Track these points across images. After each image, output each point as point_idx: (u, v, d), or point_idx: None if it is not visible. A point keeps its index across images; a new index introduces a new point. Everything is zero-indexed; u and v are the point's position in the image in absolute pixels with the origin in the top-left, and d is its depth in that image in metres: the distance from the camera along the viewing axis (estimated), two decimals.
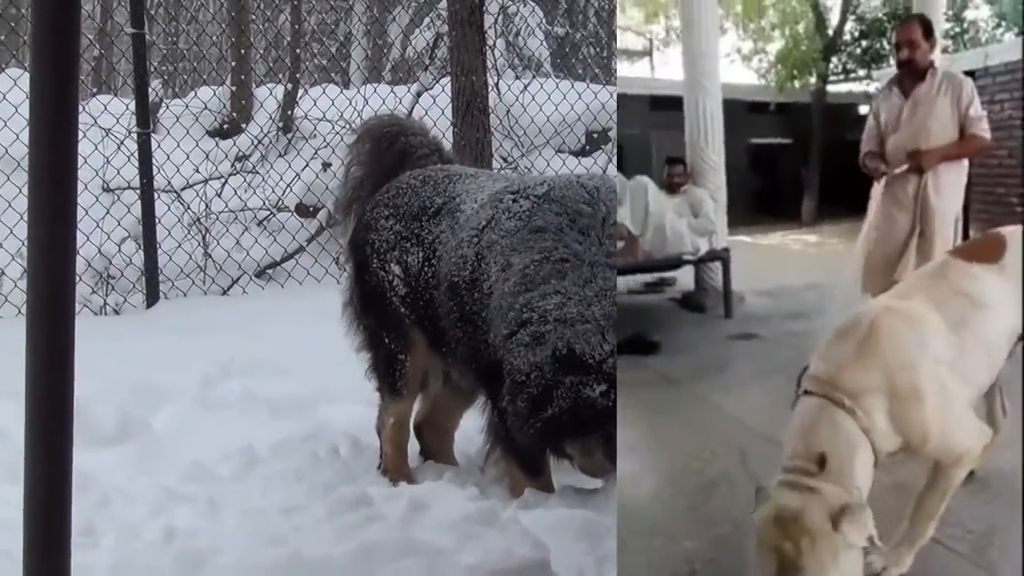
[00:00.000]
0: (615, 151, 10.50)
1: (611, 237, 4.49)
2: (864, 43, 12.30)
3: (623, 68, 15.10)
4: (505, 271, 4.50)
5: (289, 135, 10.57)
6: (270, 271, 9.47)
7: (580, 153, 11.12)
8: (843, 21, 12.41)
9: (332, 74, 12.59)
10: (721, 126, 8.53)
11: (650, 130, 12.36)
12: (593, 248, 4.43)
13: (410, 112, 10.09)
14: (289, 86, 10.90)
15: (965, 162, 5.75)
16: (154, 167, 8.74)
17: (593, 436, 4.26)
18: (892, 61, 5.76)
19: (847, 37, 12.63)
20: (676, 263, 8.03)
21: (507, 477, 4.73)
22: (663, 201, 7.97)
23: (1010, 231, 3.69)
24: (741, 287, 6.55)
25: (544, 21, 13.22)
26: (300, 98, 10.83)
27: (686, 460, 4.67)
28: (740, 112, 11.48)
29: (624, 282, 8.56)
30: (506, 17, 12.52)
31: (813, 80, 11.76)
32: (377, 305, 5.11)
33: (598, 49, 14.18)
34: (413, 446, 5.32)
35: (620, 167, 9.54)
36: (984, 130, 5.62)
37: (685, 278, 8.57)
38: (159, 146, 9.22)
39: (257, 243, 9.45)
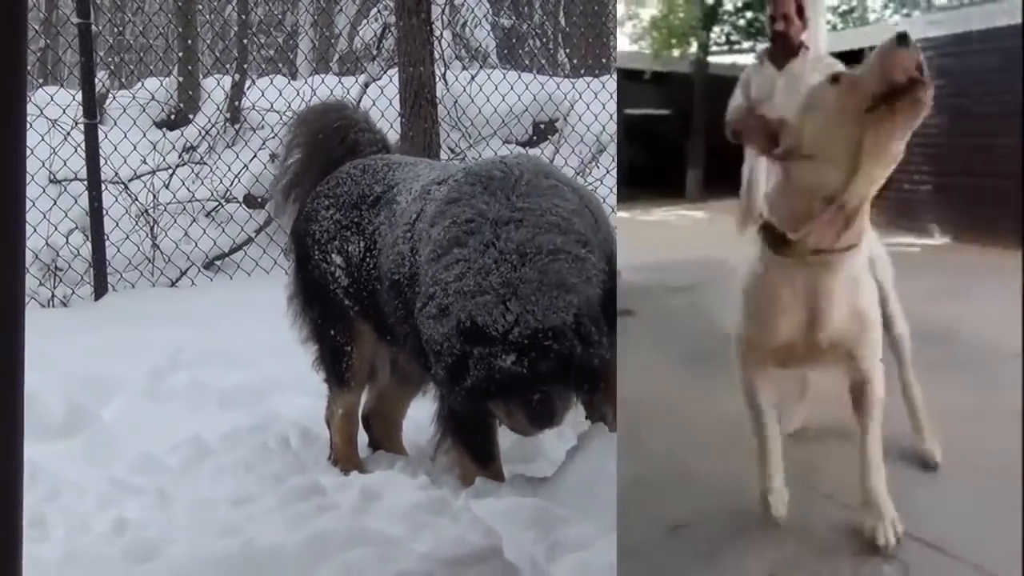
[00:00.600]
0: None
1: (523, 196, 4.40)
2: (748, 15, 12.29)
3: None
4: (425, 246, 4.47)
5: (237, 126, 10.53)
6: (219, 262, 9.45)
7: (527, 143, 11.15)
8: None
9: (280, 65, 12.55)
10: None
11: None
12: (497, 205, 4.36)
13: (358, 103, 10.07)
14: (236, 77, 10.86)
15: None
16: (101, 158, 8.70)
17: (513, 400, 4.24)
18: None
19: (729, 7, 12.57)
20: None
21: (457, 466, 4.72)
22: None
23: None
24: (620, 263, 6.55)
25: (491, 12, 13.24)
26: (248, 89, 10.80)
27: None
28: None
29: None
30: (453, 8, 12.55)
31: (694, 50, 11.69)
32: (320, 297, 5.10)
33: (544, 40, 14.21)
34: (363, 436, 5.34)
35: None
36: None
37: None
38: (106, 137, 9.17)
39: (205, 234, 9.43)
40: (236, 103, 10.64)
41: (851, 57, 9.38)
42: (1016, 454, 3.54)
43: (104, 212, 8.63)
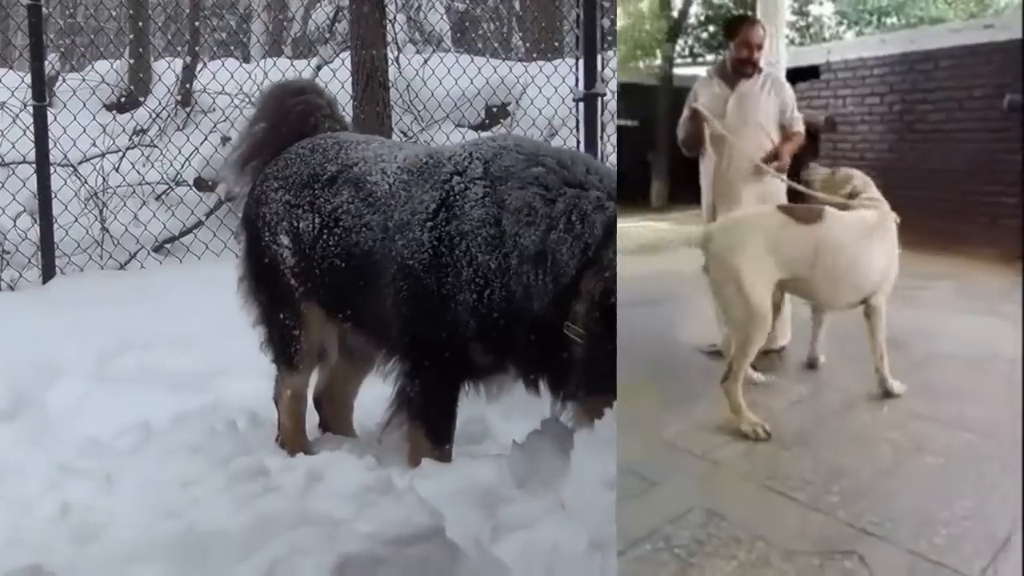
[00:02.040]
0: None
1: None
2: (711, 28, 12.37)
3: None
4: (519, 253, 4.42)
5: (188, 109, 10.48)
6: (168, 245, 9.41)
7: (479, 127, 11.15)
8: (688, 3, 12.41)
9: (232, 48, 12.46)
10: None
11: None
12: (588, 177, 4.48)
13: None
14: (188, 59, 10.81)
15: None
16: (50, 141, 8.61)
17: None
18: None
19: (693, 20, 12.65)
20: None
21: (409, 442, 4.74)
22: None
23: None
24: None
25: None
26: (199, 72, 10.75)
27: None
28: None
29: None
30: None
31: (659, 62, 11.74)
32: (270, 280, 5.09)
33: (498, 24, 14.20)
34: (312, 418, 5.34)
35: None
36: (802, 126, 5.79)
37: None
38: (55, 119, 9.08)
39: (155, 217, 9.38)
40: (187, 86, 10.58)
41: (808, 72, 9.52)
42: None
43: (53, 195, 8.54)
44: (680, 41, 13.25)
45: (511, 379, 4.74)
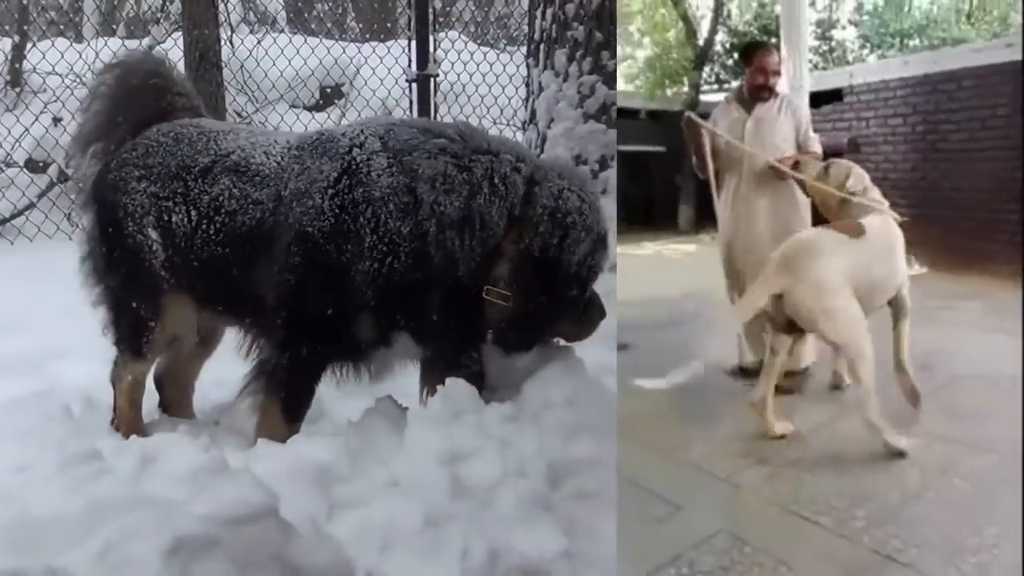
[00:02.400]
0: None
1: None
2: (735, 55, 12.47)
3: None
4: (439, 219, 4.45)
5: (17, 89, 10.23)
6: None
7: (314, 108, 11.12)
8: (713, 31, 12.51)
9: (62, 27, 12.17)
10: None
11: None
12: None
13: None
14: (16, 39, 10.55)
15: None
16: None
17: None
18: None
19: (718, 48, 12.75)
20: None
21: (260, 415, 4.71)
22: None
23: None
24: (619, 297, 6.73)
25: None
26: (28, 51, 10.50)
27: None
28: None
29: None
30: None
31: (685, 89, 11.79)
32: (128, 268, 4.98)
33: (332, 5, 14.12)
34: (150, 399, 5.32)
35: None
36: (818, 146, 5.97)
37: None
38: None
39: None
40: (16, 65, 10.35)
41: (832, 95, 9.69)
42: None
43: None
44: (706, 69, 13.29)
45: (396, 356, 4.74)
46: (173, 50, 9.51)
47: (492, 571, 3.69)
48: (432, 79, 9.57)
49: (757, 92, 5.99)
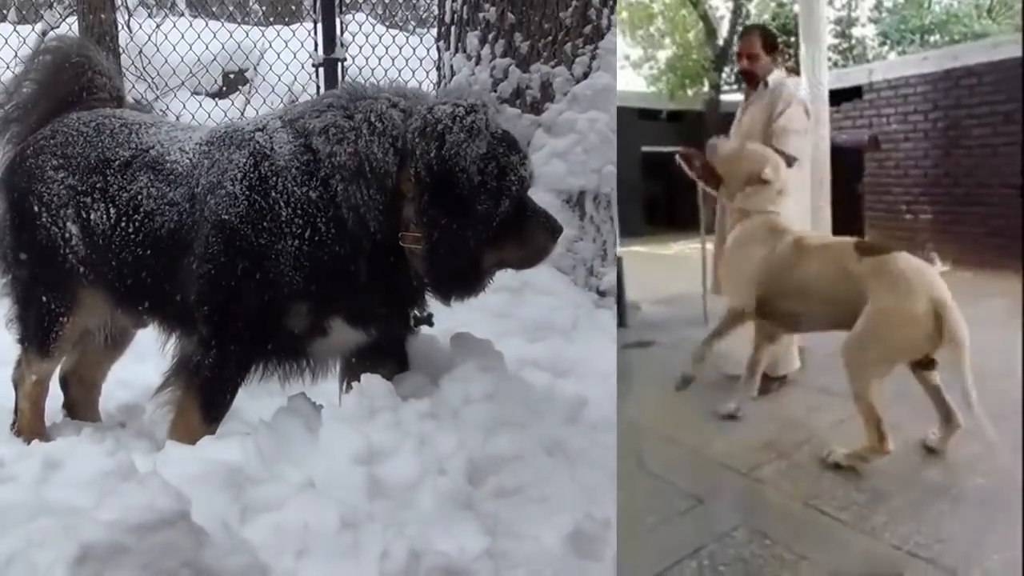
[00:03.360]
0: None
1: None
2: None
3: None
4: (344, 172, 4.35)
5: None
6: None
7: (217, 95, 10.96)
8: (733, 32, 12.57)
9: None
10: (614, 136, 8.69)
11: None
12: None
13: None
14: None
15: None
16: None
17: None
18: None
19: (736, 49, 12.80)
20: None
21: (177, 413, 4.57)
22: None
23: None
24: (638, 297, 6.77)
25: None
26: None
27: None
28: (631, 119, 11.49)
29: None
30: None
31: (706, 89, 11.84)
32: (40, 259, 4.82)
33: None
34: (54, 402, 5.18)
35: None
36: (785, 144, 5.68)
37: None
38: None
39: None
40: None
41: (851, 93, 9.60)
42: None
43: None
44: (726, 69, 13.31)
45: (334, 347, 4.62)
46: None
47: (413, 572, 3.62)
48: (339, 63, 9.48)
49: (745, 79, 5.98)
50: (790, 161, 5.67)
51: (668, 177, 6.18)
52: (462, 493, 3.91)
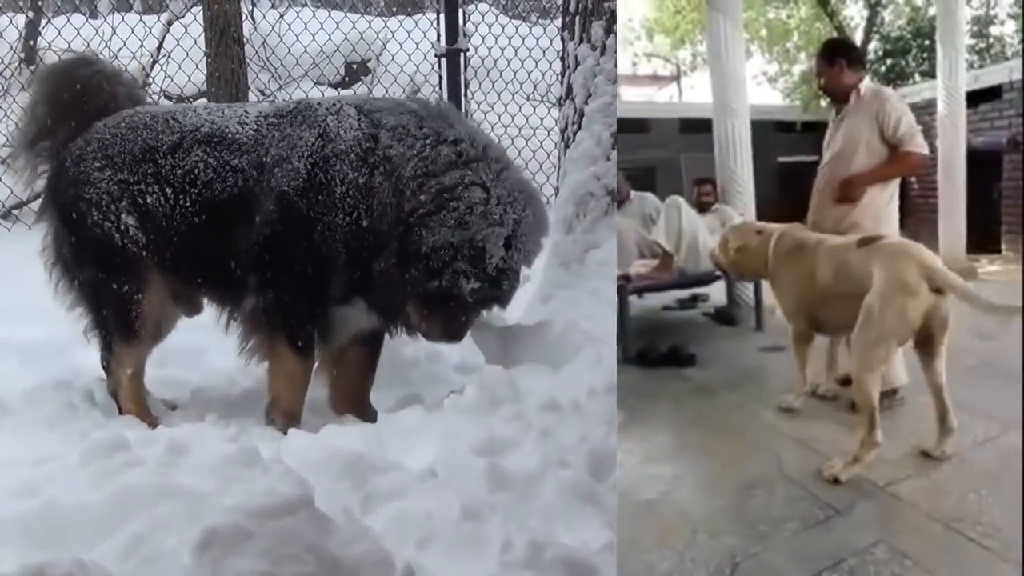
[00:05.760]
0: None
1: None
2: (888, 61, 12.42)
3: (650, 93, 15.29)
4: (385, 167, 4.76)
5: (32, 67, 10.08)
6: (16, 211, 9.08)
7: (339, 85, 10.98)
8: (867, 40, 12.50)
9: (77, 3, 12.05)
10: (749, 147, 8.75)
11: (680, 152, 12.50)
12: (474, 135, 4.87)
13: (161, 43, 9.78)
14: (31, 15, 10.40)
15: (896, 181, 5.70)
16: None
17: (439, 313, 4.77)
18: (917, 78, 5.85)
19: (871, 56, 12.73)
20: (709, 279, 8.19)
21: (270, 358, 4.94)
22: (695, 219, 8.09)
23: None
24: (772, 301, 6.84)
25: None
26: (43, 28, 10.34)
27: (724, 463, 4.81)
28: (767, 132, 11.59)
29: (659, 298, 8.83)
30: None
31: None
32: (100, 256, 5.04)
33: None
34: None
35: (651, 188, 9.78)
36: (919, 145, 5.54)
37: (717, 294, 8.79)
38: None
39: (1, 182, 9.02)
40: (31, 43, 10.19)
41: (990, 93, 9.45)
42: None
43: None
44: None
45: (348, 321, 4.99)
46: (193, 25, 9.45)
47: (534, 564, 3.56)
48: (462, 53, 9.46)
49: (828, 96, 5.87)
50: (924, 161, 5.66)
51: (802, 185, 6.08)
52: (584, 486, 3.85)
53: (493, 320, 5.23)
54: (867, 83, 5.71)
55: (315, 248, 4.78)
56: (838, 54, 5.73)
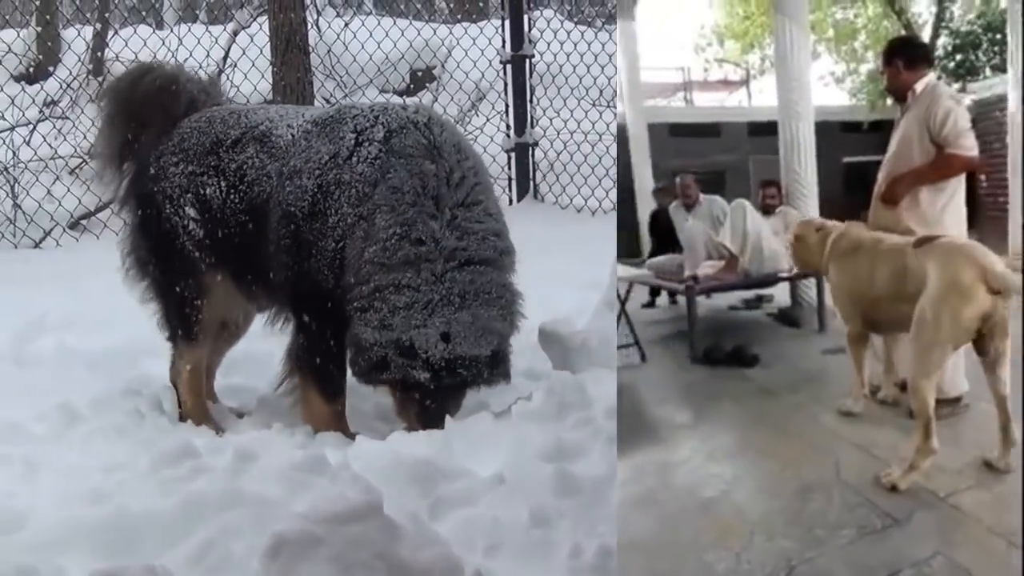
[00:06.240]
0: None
1: (463, 205, 4.72)
2: (958, 57, 12.29)
3: (721, 98, 15.29)
4: (366, 226, 4.67)
5: (100, 78, 10.17)
6: (84, 222, 9.17)
7: (405, 92, 10.97)
8: (935, 36, 12.36)
9: (144, 14, 12.14)
10: (813, 149, 8.70)
11: (748, 155, 12.50)
12: (447, 231, 4.65)
13: (227, 53, 9.83)
14: (98, 26, 10.50)
15: (954, 182, 5.41)
16: None
17: (411, 403, 4.68)
18: (988, 73, 5.73)
19: (940, 52, 12.59)
20: (773, 280, 8.16)
21: (302, 403, 4.91)
22: (760, 222, 8.09)
23: None
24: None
25: None
26: (111, 39, 10.43)
27: (783, 465, 4.72)
28: (834, 132, 11.54)
29: (725, 298, 8.74)
30: None
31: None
32: (169, 252, 5.12)
33: None
34: None
35: (721, 191, 9.80)
36: (964, 147, 5.29)
37: (781, 295, 8.67)
38: None
39: (70, 192, 9.12)
40: (98, 54, 10.28)
41: None
42: None
43: None
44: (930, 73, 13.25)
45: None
46: (259, 35, 9.48)
47: (603, 571, 3.52)
48: (527, 59, 9.46)
49: (891, 95, 5.77)
50: (973, 164, 5.42)
51: (868, 186, 5.98)
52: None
53: (560, 326, 5.20)
54: (927, 80, 5.56)
55: (327, 277, 4.78)
56: (897, 53, 5.63)
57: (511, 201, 9.52)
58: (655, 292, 9.25)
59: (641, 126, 12.94)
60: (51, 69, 10.37)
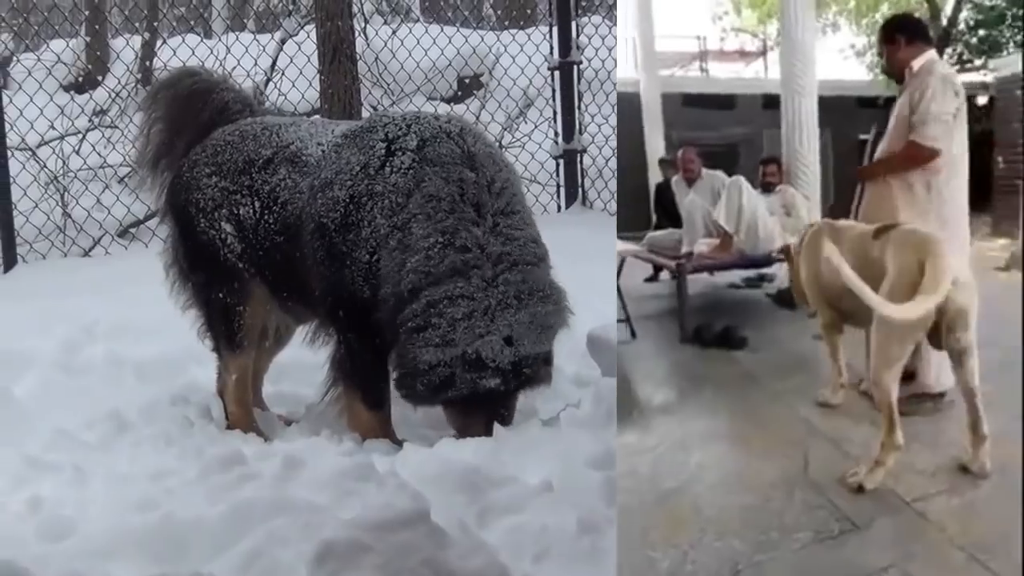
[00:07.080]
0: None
1: (502, 213, 4.65)
2: (981, 32, 12.14)
3: (738, 68, 15.19)
4: (401, 235, 4.62)
5: (148, 88, 10.24)
6: (133, 230, 9.21)
7: (452, 100, 10.98)
8: (958, 10, 12.21)
9: (192, 23, 12.21)
10: (816, 126, 8.62)
11: (762, 129, 12.42)
12: (490, 237, 4.60)
13: (274, 61, 9.86)
14: (147, 36, 10.57)
15: (951, 162, 5.21)
16: (7, 124, 8.44)
17: (477, 414, 4.57)
18: (1011, 49, 5.60)
19: (962, 26, 12.43)
20: (767, 260, 8.20)
21: (347, 412, 4.89)
22: (757, 200, 8.09)
23: None
24: None
25: None
26: (159, 48, 10.49)
27: (752, 457, 4.69)
28: (850, 108, 11.42)
29: (725, 276, 8.85)
30: None
31: None
32: (208, 261, 5.15)
33: None
34: None
35: (735, 164, 9.73)
36: (926, 136, 5.10)
37: (784, 273, 8.64)
38: (11, 102, 8.91)
39: (119, 201, 9.15)
40: (147, 63, 10.35)
41: None
42: None
43: (12, 180, 8.39)
44: (949, 49, 13.00)
45: None
46: (306, 43, 9.50)
47: None
48: (575, 66, 9.43)
49: (890, 74, 5.62)
50: (932, 154, 5.14)
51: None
52: None
53: (609, 332, 5.17)
54: (926, 57, 5.36)
55: (363, 288, 4.75)
56: (896, 30, 5.45)
57: (559, 208, 9.50)
58: (658, 267, 9.21)
59: (654, 95, 12.72)
60: (100, 79, 10.44)
